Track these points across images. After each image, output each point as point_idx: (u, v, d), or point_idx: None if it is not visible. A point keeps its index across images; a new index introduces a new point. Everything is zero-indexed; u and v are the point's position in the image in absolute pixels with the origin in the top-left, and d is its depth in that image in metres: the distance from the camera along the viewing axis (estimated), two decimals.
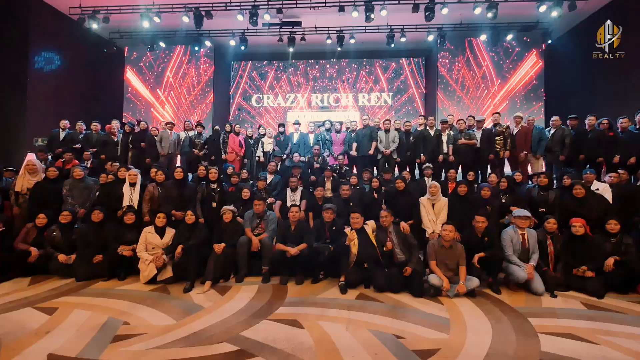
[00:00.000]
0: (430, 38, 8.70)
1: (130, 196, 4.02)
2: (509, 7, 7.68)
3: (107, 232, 3.65)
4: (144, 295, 3.10)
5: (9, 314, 2.66)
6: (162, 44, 9.25)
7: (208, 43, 9.23)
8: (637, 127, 5.02)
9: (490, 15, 7.40)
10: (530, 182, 4.95)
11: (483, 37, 8.58)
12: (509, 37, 8.64)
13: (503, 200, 4.08)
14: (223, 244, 3.50)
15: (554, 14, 7.27)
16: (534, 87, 8.79)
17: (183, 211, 3.71)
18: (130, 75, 9.73)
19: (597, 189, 4.18)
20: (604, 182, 4.31)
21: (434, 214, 3.94)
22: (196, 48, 9.03)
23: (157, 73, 9.64)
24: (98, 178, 4.53)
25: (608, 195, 4.07)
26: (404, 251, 3.42)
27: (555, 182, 4.76)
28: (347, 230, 3.49)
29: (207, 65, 9.54)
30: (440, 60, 8.98)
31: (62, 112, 8.12)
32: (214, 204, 3.92)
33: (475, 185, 4.85)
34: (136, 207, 3.90)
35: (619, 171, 4.55)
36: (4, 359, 2.01)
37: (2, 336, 2.29)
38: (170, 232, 3.62)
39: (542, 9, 7.39)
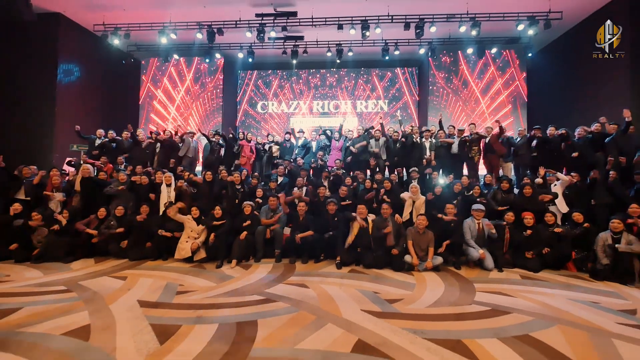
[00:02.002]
0: (422, 51, 9.78)
1: (168, 194, 5.10)
2: (493, 23, 8.74)
3: (152, 222, 4.72)
4: (187, 269, 4.17)
5: (93, 280, 3.73)
6: (175, 56, 10.33)
7: (218, 55, 10.32)
8: (591, 135, 6.08)
9: (474, 32, 8.46)
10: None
11: (470, 50, 9.65)
12: (494, 50, 9.71)
13: (468, 193, 5.13)
14: (245, 232, 4.57)
15: (530, 32, 8.33)
16: (517, 97, 9.83)
17: (213, 206, 4.77)
18: (146, 85, 10.81)
19: (555, 184, 5.24)
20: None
21: (415, 208, 4.99)
22: (207, 60, 10.11)
23: (171, 83, 10.72)
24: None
25: (559, 189, 5.15)
26: (395, 237, 4.47)
27: (515, 183, 5.83)
28: (358, 218, 4.50)
29: (217, 75, 10.61)
30: (431, 71, 10.04)
31: (86, 119, 9.24)
32: (236, 201, 4.99)
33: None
34: (173, 203, 4.97)
35: (572, 174, 5.61)
36: (108, 302, 3.07)
37: (98, 291, 3.35)
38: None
39: (521, 27, 8.44)
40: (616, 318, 2.86)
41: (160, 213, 4.93)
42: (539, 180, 5.53)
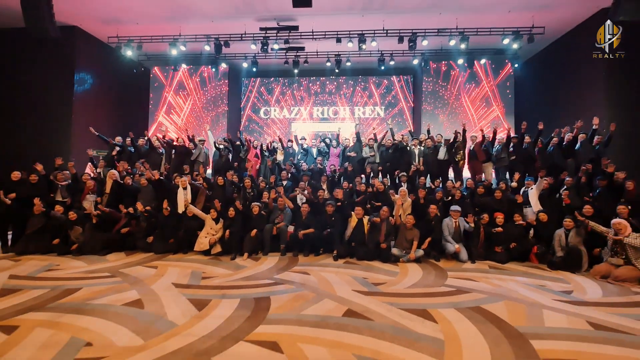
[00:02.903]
0: (415, 62, 10.60)
1: (185, 196, 5.91)
2: (481, 37, 9.55)
3: (173, 220, 5.53)
4: (206, 261, 4.98)
5: (129, 268, 4.53)
6: (184, 65, 11.15)
7: (224, 65, 11.14)
8: (565, 143, 6.90)
9: (463, 46, 9.27)
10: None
11: (460, 61, 10.46)
12: (483, 61, 10.53)
13: (449, 199, 5.94)
14: (255, 230, 5.38)
15: (515, 46, 9.16)
16: (505, 104, 10.65)
17: (226, 206, 5.58)
18: (155, 92, 11.63)
19: (532, 188, 6.03)
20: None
21: (403, 209, 5.80)
22: (214, 69, 10.93)
23: (179, 90, 11.54)
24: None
25: (535, 193, 5.95)
26: (385, 235, 5.27)
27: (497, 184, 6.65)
28: (355, 214, 5.34)
29: (223, 83, 11.43)
30: (424, 80, 10.85)
31: (100, 125, 10.01)
32: (247, 202, 5.81)
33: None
34: (191, 203, 5.78)
35: (545, 178, 6.41)
36: (149, 284, 3.87)
37: (137, 276, 4.16)
38: (221, 222, 5.49)
39: (506, 41, 9.26)
40: (553, 296, 3.67)
41: (180, 212, 5.74)
42: (514, 184, 6.36)
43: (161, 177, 6.11)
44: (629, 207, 4.88)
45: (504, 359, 2.37)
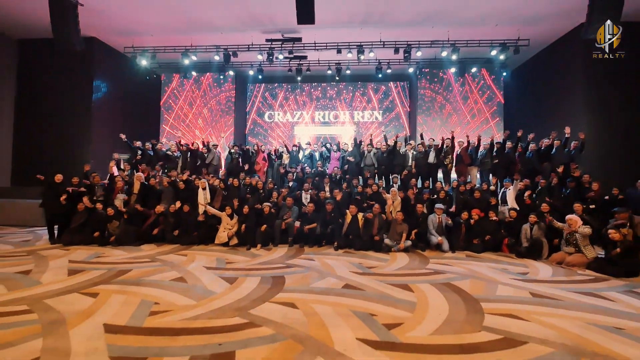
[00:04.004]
0: (411, 70, 11.59)
1: (205, 195, 6.91)
2: (471, 48, 10.53)
3: (195, 217, 6.54)
4: (226, 251, 5.99)
5: (164, 256, 5.53)
6: (194, 73, 12.14)
7: (231, 72, 12.13)
8: (542, 148, 7.90)
9: (454, 57, 10.26)
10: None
11: (453, 69, 11.46)
12: (474, 69, 11.53)
13: (434, 197, 6.95)
14: (265, 225, 6.38)
15: (502, 57, 10.15)
16: (494, 109, 11.64)
17: (241, 205, 6.58)
18: (167, 99, 12.62)
19: (510, 189, 7.02)
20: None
21: (393, 207, 6.80)
22: (221, 77, 11.92)
23: (190, 96, 12.54)
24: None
25: (512, 194, 6.95)
26: (378, 228, 6.27)
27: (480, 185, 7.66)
28: (349, 211, 6.36)
29: (230, 89, 12.43)
30: (419, 87, 11.85)
31: (116, 130, 11.01)
32: (259, 201, 6.82)
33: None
34: (210, 203, 6.79)
35: (522, 181, 7.40)
36: (184, 266, 4.87)
37: (173, 262, 5.16)
38: (235, 217, 6.49)
39: (494, 52, 10.26)
40: (511, 276, 4.67)
41: (201, 211, 6.75)
42: (492, 187, 7.36)
43: (188, 178, 7.13)
44: (584, 205, 5.91)
45: (458, 313, 3.37)
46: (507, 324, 3.10)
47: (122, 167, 8.18)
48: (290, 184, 7.67)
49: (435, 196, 6.92)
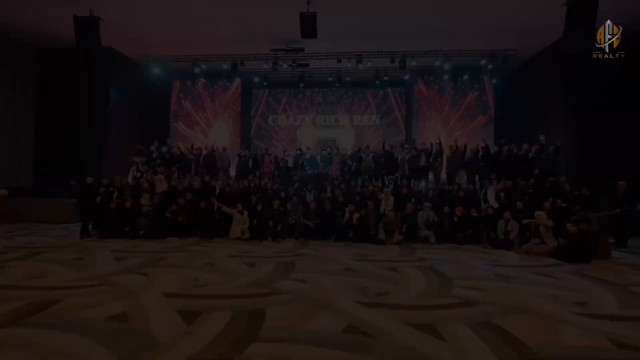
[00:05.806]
0: (407, 77, 12.68)
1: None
2: (463, 57, 11.61)
3: (212, 214, 7.63)
4: (240, 243, 7.08)
5: (190, 247, 6.60)
6: (203, 80, 13.21)
7: (237, 79, 13.22)
8: (525, 153, 8.99)
9: (447, 66, 11.36)
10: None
11: (446, 77, 12.54)
12: (466, 77, 12.62)
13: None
14: (274, 221, 7.47)
15: (490, 66, 11.25)
16: (486, 115, 12.73)
17: (251, 203, 7.68)
18: (176, 104, 13.69)
19: (490, 188, 8.12)
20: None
21: (387, 205, 7.90)
22: (228, 83, 13.00)
23: (198, 101, 13.62)
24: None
25: (492, 193, 8.05)
26: (373, 223, 7.37)
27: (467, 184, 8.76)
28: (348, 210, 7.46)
29: (237, 95, 13.51)
30: (415, 93, 12.94)
31: (130, 134, 12.07)
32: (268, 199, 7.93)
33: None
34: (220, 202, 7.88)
35: (501, 182, 8.48)
36: (213, 253, 5.95)
37: (200, 251, 6.23)
38: (245, 214, 7.57)
39: (483, 62, 11.35)
40: (484, 263, 5.76)
41: (215, 209, 7.85)
42: (471, 187, 8.46)
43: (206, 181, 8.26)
44: (554, 204, 7.03)
45: (433, 287, 4.45)
46: (469, 294, 4.19)
47: (141, 169, 9.25)
48: (295, 185, 8.76)
49: (425, 195, 8.01)
